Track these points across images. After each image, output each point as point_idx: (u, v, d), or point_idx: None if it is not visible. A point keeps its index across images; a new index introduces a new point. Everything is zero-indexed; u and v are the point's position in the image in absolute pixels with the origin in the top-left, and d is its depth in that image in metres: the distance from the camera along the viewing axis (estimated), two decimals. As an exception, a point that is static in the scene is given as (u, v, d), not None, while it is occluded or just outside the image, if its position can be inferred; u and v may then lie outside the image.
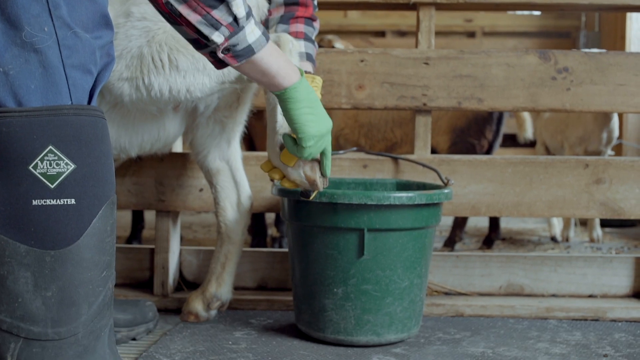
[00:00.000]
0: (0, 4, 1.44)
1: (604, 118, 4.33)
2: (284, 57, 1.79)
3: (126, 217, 4.86)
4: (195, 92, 2.11)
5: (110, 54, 1.59)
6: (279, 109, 2.11)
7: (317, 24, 2.40)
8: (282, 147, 2.10)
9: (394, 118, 4.20)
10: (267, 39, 1.71)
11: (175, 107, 2.33)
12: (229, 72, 2.11)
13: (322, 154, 2.07)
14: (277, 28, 2.30)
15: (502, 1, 2.80)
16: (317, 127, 1.91)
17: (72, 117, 1.48)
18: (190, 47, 2.03)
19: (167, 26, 2.03)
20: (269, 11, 2.33)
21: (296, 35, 2.30)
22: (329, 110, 2.53)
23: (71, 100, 1.49)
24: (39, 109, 1.45)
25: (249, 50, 1.68)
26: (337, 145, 4.38)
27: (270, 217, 4.99)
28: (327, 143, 2.00)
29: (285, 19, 2.32)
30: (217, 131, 2.53)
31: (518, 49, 2.76)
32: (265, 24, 2.32)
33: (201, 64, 2.07)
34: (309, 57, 2.27)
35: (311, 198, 2.15)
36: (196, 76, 2.09)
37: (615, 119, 4.38)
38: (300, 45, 2.26)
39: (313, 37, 2.36)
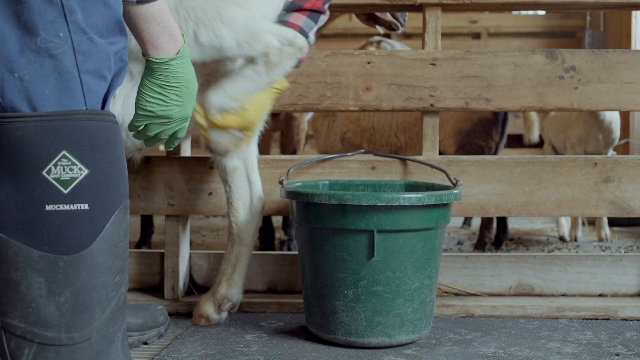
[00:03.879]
0: (16, 10, 1.44)
1: (596, 119, 4.32)
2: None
3: (136, 222, 4.87)
4: None
5: (124, 59, 1.59)
6: (239, 76, 2.26)
7: (325, 16, 2.40)
8: (219, 112, 2.28)
9: (398, 122, 4.20)
10: None
11: None
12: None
13: None
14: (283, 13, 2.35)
15: (507, 1, 2.80)
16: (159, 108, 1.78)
17: (86, 122, 1.48)
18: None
19: None
20: None
21: (291, 26, 2.31)
22: (337, 112, 2.54)
23: (86, 105, 1.49)
24: (53, 113, 1.45)
25: None
26: (341, 148, 4.39)
27: (277, 220, 4.99)
28: (173, 129, 1.85)
29: (291, 8, 2.33)
30: None
31: (525, 49, 2.76)
32: None
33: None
34: None
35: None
36: None
37: (614, 121, 4.36)
38: None
39: (311, 33, 2.37)
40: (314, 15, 2.36)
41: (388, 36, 7.34)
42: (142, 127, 1.80)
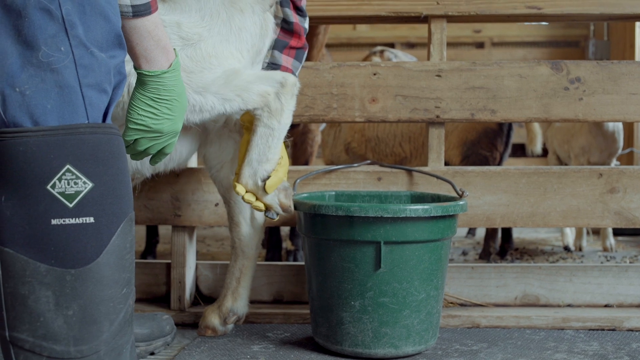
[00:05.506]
0: (16, 25, 1.45)
1: (600, 129, 4.32)
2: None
3: (141, 231, 4.87)
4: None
5: (122, 72, 1.60)
6: (257, 140, 2.20)
7: (307, 51, 2.44)
8: (265, 179, 2.20)
9: (403, 132, 4.20)
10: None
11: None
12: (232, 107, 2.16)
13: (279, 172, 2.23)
14: (273, 52, 2.35)
15: (512, 12, 2.80)
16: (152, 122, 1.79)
17: (89, 135, 1.49)
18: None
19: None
20: None
21: (285, 70, 2.34)
22: (343, 123, 2.55)
23: (88, 119, 1.50)
24: (55, 128, 1.46)
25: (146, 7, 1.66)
26: (347, 158, 4.39)
27: (284, 230, 4.99)
28: (163, 144, 1.87)
29: (279, 46, 2.35)
30: (231, 146, 2.54)
31: (530, 60, 2.76)
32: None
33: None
34: None
35: (276, 219, 2.31)
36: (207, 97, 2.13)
37: (617, 131, 4.36)
38: None
39: (297, 73, 2.41)
40: (299, 54, 2.40)
41: (391, 45, 7.37)
42: (132, 141, 1.81)
